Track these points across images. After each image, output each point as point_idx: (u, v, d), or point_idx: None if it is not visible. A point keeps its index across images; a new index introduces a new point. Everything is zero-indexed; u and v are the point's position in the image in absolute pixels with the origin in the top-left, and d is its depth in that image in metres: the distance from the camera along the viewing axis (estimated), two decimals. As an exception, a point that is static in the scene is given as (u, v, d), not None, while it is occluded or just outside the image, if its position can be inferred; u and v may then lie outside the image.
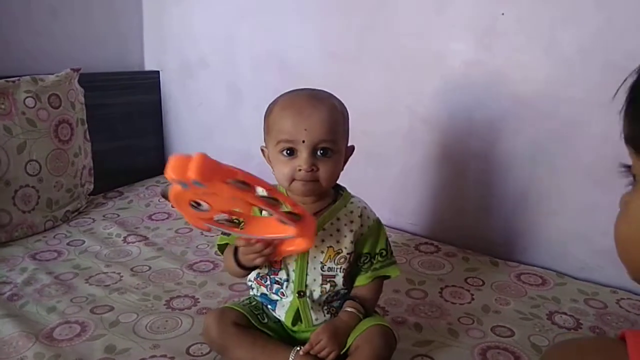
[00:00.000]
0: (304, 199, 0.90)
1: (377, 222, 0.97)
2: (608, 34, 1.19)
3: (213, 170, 0.64)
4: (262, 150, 0.95)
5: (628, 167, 0.47)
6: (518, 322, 1.09)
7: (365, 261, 0.95)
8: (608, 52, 1.19)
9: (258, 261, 0.85)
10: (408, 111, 1.51)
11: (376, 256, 0.95)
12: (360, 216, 0.94)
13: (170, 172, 0.63)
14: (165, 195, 0.71)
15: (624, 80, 0.48)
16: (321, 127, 0.85)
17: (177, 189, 0.68)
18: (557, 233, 1.35)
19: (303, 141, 0.84)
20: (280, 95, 0.93)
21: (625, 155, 0.49)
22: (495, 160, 1.41)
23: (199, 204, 0.72)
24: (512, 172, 1.39)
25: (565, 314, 1.13)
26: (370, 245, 0.95)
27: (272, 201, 0.73)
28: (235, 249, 0.89)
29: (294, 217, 0.75)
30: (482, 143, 1.41)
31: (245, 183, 0.67)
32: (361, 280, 0.95)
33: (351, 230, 0.92)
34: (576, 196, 1.29)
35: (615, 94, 0.49)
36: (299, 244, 0.82)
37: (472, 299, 1.19)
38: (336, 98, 0.93)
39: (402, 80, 1.50)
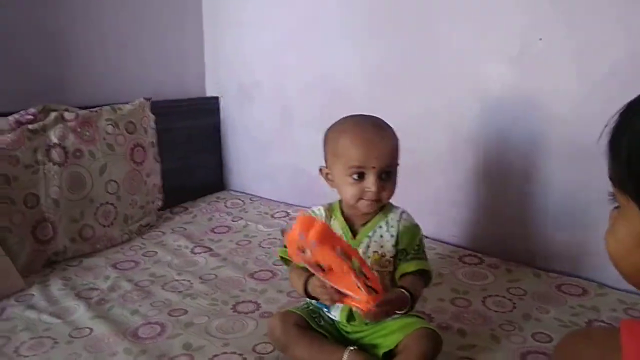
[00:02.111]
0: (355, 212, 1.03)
1: (414, 224, 1.08)
2: (637, 59, 1.25)
3: (327, 238, 0.83)
4: (320, 169, 1.08)
5: (613, 194, 0.56)
6: (557, 329, 1.16)
7: (401, 257, 1.05)
8: (636, 76, 1.25)
9: (326, 302, 0.97)
10: (449, 130, 1.60)
11: (411, 252, 1.05)
12: (399, 220, 1.06)
13: (297, 226, 0.82)
14: (283, 232, 0.90)
15: (606, 125, 0.55)
16: (388, 155, 1.01)
17: (295, 236, 0.84)
18: (596, 246, 1.39)
19: (373, 167, 0.98)
20: (342, 123, 1.05)
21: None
22: (534, 176, 1.48)
23: (304, 251, 0.86)
24: (552, 188, 1.45)
25: (604, 322, 1.19)
26: (406, 243, 1.05)
27: (361, 274, 0.87)
28: (306, 279, 1.02)
29: (370, 291, 0.88)
30: (522, 161, 1.49)
31: (346, 254, 0.84)
32: (401, 270, 1.04)
33: (392, 235, 1.05)
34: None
35: (600, 136, 0.56)
36: (362, 305, 0.92)
37: (514, 307, 1.26)
38: (390, 126, 1.06)
39: (442, 101, 1.60)
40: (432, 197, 1.65)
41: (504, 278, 1.42)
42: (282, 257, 1.11)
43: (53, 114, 1.58)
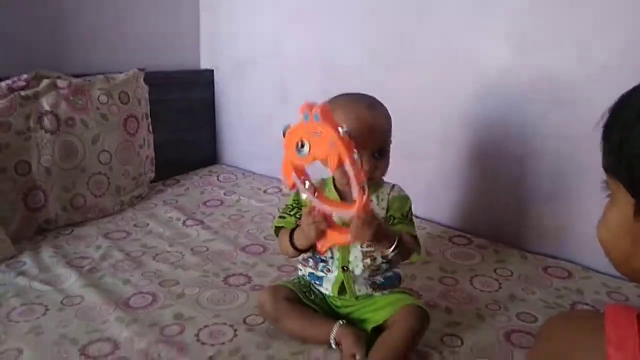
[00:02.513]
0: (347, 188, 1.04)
1: (404, 195, 1.09)
2: (635, 45, 1.26)
3: (330, 115, 0.85)
4: None
5: (607, 182, 0.57)
6: (542, 309, 1.19)
7: (389, 222, 1.05)
8: (635, 61, 1.26)
9: (312, 233, 0.96)
10: (444, 113, 1.60)
11: (398, 217, 1.05)
12: (390, 193, 1.07)
13: (303, 105, 0.84)
14: (284, 131, 0.88)
15: (601, 117, 0.57)
16: (381, 136, 1.02)
17: (299, 123, 0.86)
18: (584, 229, 1.42)
19: (366, 148, 0.98)
20: (336, 101, 1.04)
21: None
22: (526, 160, 1.49)
23: (302, 146, 0.86)
24: (543, 171, 1.47)
25: (587, 304, 1.22)
26: (394, 209, 1.06)
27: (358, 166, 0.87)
28: (291, 233, 1.03)
29: (362, 190, 0.88)
30: (514, 144, 1.50)
31: (350, 136, 0.84)
32: None
33: (382, 208, 1.06)
34: (604, 197, 1.36)
35: (595, 125, 0.57)
36: (344, 235, 0.94)
37: (500, 287, 1.29)
38: (384, 105, 1.06)
39: (439, 82, 1.60)
40: (424, 178, 1.67)
41: (491, 259, 1.44)
42: (275, 228, 1.11)
43: (45, 81, 1.56)
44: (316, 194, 0.94)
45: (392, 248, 0.97)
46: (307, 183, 0.93)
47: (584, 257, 1.42)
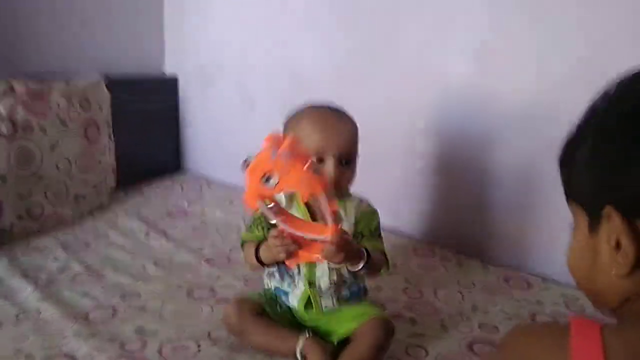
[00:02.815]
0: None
1: (372, 209, 1.10)
2: (595, 61, 1.31)
3: (299, 151, 0.84)
4: None
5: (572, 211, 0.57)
6: (503, 320, 1.21)
7: (358, 240, 1.05)
8: (594, 78, 1.31)
9: (281, 256, 0.95)
10: (408, 123, 1.63)
11: (367, 234, 1.06)
12: (357, 207, 1.08)
13: (270, 138, 0.82)
14: (246, 163, 0.85)
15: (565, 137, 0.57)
16: (347, 143, 1.02)
17: (265, 155, 0.83)
18: (542, 241, 1.47)
19: (333, 155, 0.98)
20: (303, 110, 1.05)
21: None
22: (488, 171, 1.53)
23: (269, 179, 0.85)
24: (505, 183, 1.51)
25: (546, 315, 1.25)
26: (362, 226, 1.07)
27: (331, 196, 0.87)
28: (257, 247, 1.02)
29: (335, 219, 0.88)
30: (478, 155, 1.54)
31: (317, 172, 0.84)
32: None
33: (351, 223, 1.06)
34: (561, 208, 1.41)
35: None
36: (315, 252, 0.93)
37: (463, 299, 1.31)
38: (350, 116, 1.07)
39: (403, 94, 1.62)
40: (389, 188, 1.68)
41: (454, 270, 1.47)
42: (242, 241, 1.10)
43: (1, 84, 1.50)
44: (283, 217, 0.92)
45: (361, 265, 0.98)
46: (273, 205, 0.91)
47: (544, 268, 1.46)
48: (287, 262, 0.97)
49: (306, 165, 0.82)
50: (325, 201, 0.85)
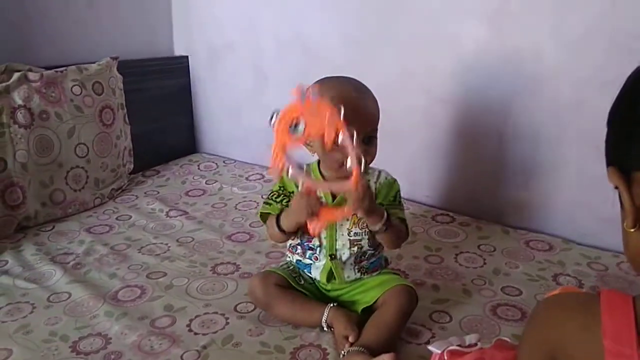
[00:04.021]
0: (334, 173, 1.04)
1: (391, 180, 1.09)
2: (612, 17, 1.28)
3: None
4: None
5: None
6: (526, 283, 1.22)
7: None
8: (612, 34, 1.28)
9: (304, 214, 0.95)
10: (424, 91, 1.61)
11: (386, 203, 1.06)
12: (377, 181, 1.07)
13: (298, 89, 0.84)
14: (274, 115, 0.87)
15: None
16: (370, 121, 1.01)
17: (292, 104, 0.86)
18: (563, 202, 1.46)
19: (354, 131, 0.97)
20: (322, 83, 1.02)
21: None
22: (505, 136, 1.51)
23: (297, 126, 0.86)
24: (522, 147, 1.49)
25: (569, 275, 1.26)
26: (383, 195, 1.06)
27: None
28: (277, 217, 1.03)
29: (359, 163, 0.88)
30: (494, 120, 1.52)
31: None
32: None
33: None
34: (581, 168, 1.40)
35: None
36: (339, 210, 0.95)
37: (484, 263, 1.32)
38: (370, 90, 1.05)
39: (418, 61, 1.60)
40: (407, 158, 1.68)
41: (474, 235, 1.47)
42: (261, 215, 1.10)
43: (16, 75, 1.51)
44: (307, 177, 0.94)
45: (381, 224, 0.97)
46: (298, 166, 0.92)
47: (564, 229, 1.46)
48: (309, 225, 0.96)
49: (333, 109, 0.84)
50: (350, 143, 0.85)
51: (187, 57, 2.17)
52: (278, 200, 1.08)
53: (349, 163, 0.87)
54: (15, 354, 0.97)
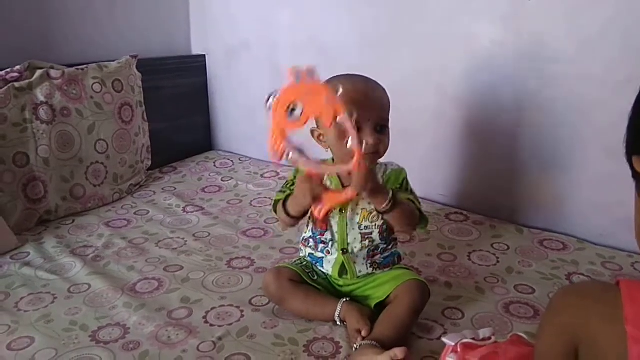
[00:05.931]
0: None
1: (399, 168, 1.10)
2: (627, 16, 1.28)
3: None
4: (312, 131, 1.08)
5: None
6: (539, 281, 1.22)
7: None
8: (627, 33, 1.28)
9: (307, 198, 0.96)
10: (437, 90, 1.62)
11: (396, 188, 1.06)
12: (385, 172, 1.09)
13: (293, 70, 0.84)
14: (270, 97, 0.86)
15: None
16: (383, 108, 1.03)
17: (288, 85, 0.85)
18: (578, 202, 1.46)
19: (369, 120, 0.99)
20: (333, 79, 1.04)
21: None
22: (519, 135, 1.51)
23: (294, 110, 0.86)
24: (536, 146, 1.49)
25: (583, 274, 1.25)
26: (392, 182, 1.07)
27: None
28: (284, 201, 1.04)
29: (360, 144, 0.88)
30: (508, 119, 1.52)
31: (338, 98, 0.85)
32: None
33: None
34: (596, 168, 1.39)
35: None
36: (342, 192, 0.96)
37: (498, 261, 1.32)
38: (381, 84, 1.07)
39: (432, 61, 1.61)
40: (421, 157, 1.68)
41: (488, 234, 1.47)
42: (274, 202, 1.10)
43: (39, 72, 1.55)
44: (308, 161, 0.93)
45: (386, 203, 0.97)
46: (298, 149, 0.91)
47: (578, 229, 1.46)
48: (314, 210, 0.97)
49: (330, 89, 0.84)
50: (350, 124, 0.86)
51: (204, 55, 2.21)
52: (292, 189, 1.09)
53: (349, 143, 0.87)
54: (37, 342, 1.00)
